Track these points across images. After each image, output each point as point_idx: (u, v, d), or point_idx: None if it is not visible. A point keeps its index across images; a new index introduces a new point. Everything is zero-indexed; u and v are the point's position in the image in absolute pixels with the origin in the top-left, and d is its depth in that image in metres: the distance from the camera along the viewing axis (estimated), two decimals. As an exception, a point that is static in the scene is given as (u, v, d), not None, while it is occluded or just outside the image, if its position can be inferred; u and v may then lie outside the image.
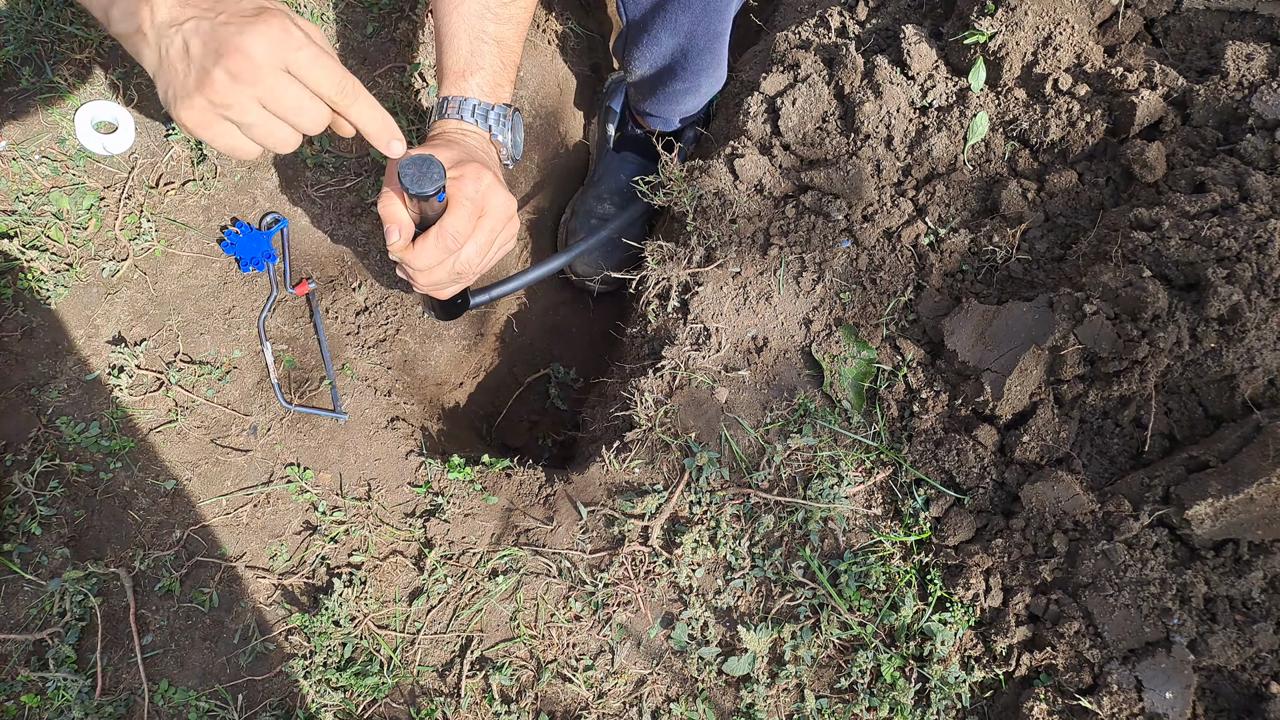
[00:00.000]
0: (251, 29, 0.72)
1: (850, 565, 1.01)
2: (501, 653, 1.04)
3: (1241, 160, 1.05)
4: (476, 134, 1.00)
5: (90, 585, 1.03)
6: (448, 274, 0.92)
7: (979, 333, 1.03)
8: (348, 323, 1.22)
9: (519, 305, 1.48)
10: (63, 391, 1.11)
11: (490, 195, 0.90)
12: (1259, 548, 0.93)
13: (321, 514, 1.09)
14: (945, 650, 0.97)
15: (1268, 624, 0.91)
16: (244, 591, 1.05)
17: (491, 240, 0.92)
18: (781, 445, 1.06)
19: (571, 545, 1.07)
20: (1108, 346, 0.96)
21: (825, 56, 1.21)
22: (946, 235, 1.13)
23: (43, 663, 1.00)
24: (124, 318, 1.15)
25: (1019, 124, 1.15)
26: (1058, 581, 0.97)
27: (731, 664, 1.00)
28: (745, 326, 1.13)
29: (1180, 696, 0.90)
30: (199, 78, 0.73)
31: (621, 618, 1.04)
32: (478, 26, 0.97)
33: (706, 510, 1.06)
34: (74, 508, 1.07)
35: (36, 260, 1.14)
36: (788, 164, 1.18)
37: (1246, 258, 0.96)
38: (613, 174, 1.48)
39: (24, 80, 1.20)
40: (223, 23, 0.73)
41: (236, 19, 0.73)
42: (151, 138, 1.22)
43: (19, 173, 1.17)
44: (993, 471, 1.01)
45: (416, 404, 1.23)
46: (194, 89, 0.73)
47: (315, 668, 1.02)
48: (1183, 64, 1.18)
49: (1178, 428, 1.01)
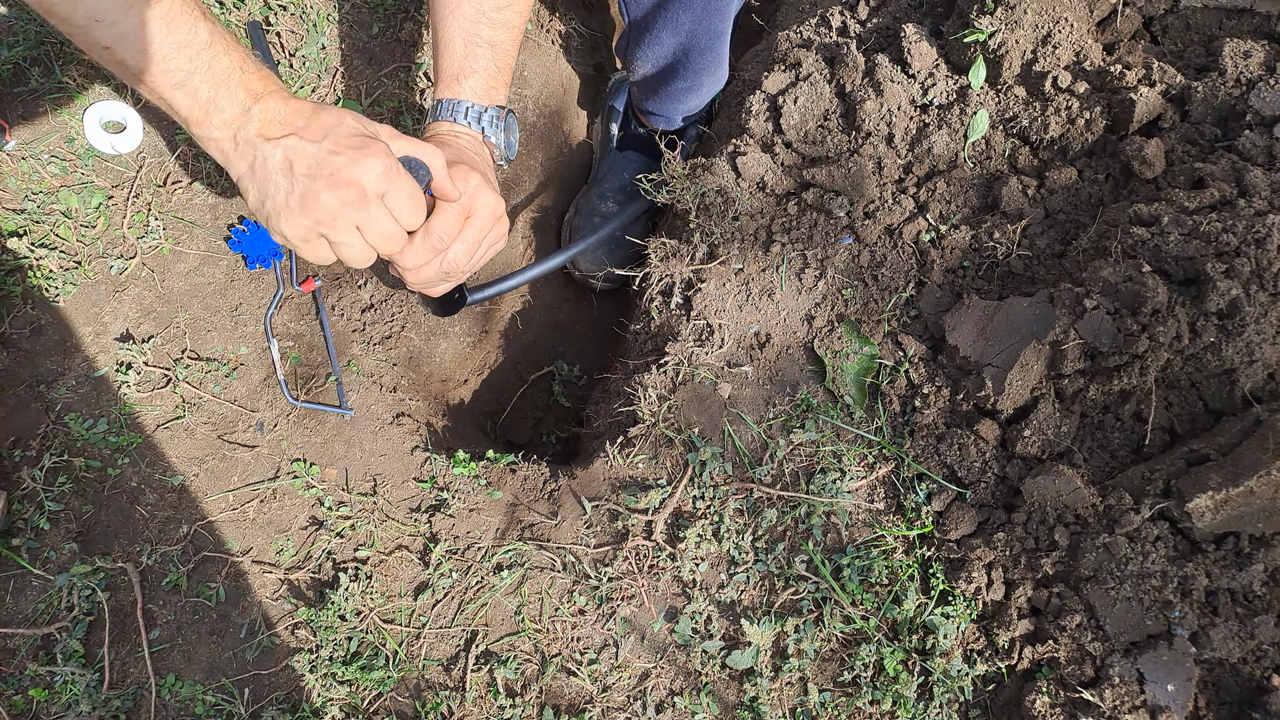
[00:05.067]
0: (361, 163, 0.78)
1: (853, 559, 1.02)
2: (506, 647, 1.04)
3: (1240, 156, 1.06)
4: (469, 136, 1.01)
5: (98, 580, 1.04)
6: (435, 273, 0.93)
7: (980, 328, 1.04)
8: (353, 320, 1.23)
9: (523, 302, 1.49)
10: (71, 388, 1.12)
11: (478, 196, 0.91)
12: (1259, 540, 0.93)
13: (327, 509, 1.10)
14: (948, 644, 0.98)
15: (1269, 616, 0.92)
16: (250, 586, 1.06)
17: (479, 240, 0.94)
18: (784, 440, 1.07)
19: (576, 540, 1.08)
20: (1108, 341, 0.97)
21: (827, 55, 1.22)
22: (947, 232, 1.13)
23: (50, 657, 1.01)
24: (132, 315, 1.16)
25: (1019, 121, 1.16)
26: (1059, 575, 0.97)
27: (735, 658, 1.01)
28: (748, 323, 1.14)
29: (1182, 689, 0.91)
30: (304, 198, 0.78)
31: (626, 612, 1.04)
32: (472, 30, 0.98)
33: (710, 505, 1.06)
34: (82, 503, 1.08)
35: (45, 258, 1.15)
36: (790, 161, 1.19)
37: (1245, 252, 0.96)
38: (616, 172, 1.49)
39: (33, 80, 1.21)
40: (330, 150, 0.77)
41: (346, 150, 0.78)
42: (159, 137, 1.23)
43: (28, 172, 1.18)
44: (994, 466, 1.02)
45: (421, 400, 1.24)
46: (298, 208, 0.79)
47: (321, 662, 1.02)
48: (1181, 61, 1.19)
49: (1178, 421, 1.02)
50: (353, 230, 0.80)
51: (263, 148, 0.78)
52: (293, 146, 0.78)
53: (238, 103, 0.78)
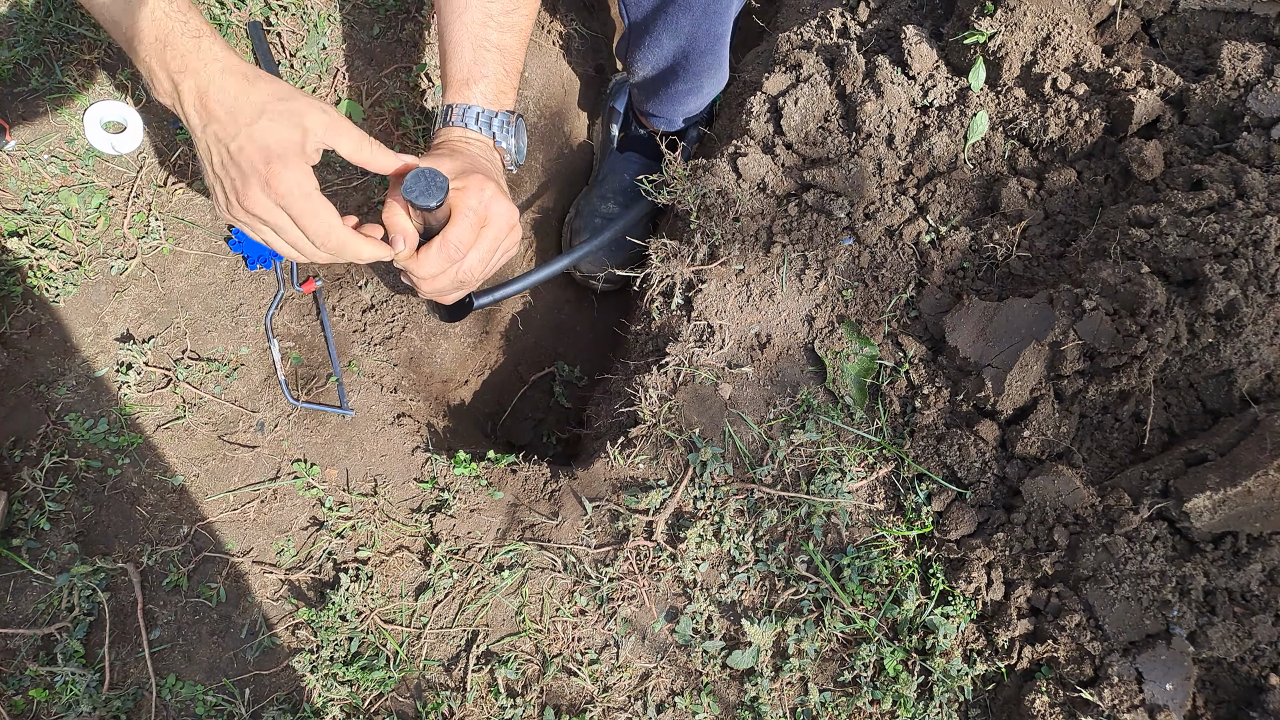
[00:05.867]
0: (248, 193, 0.83)
1: (853, 559, 1.02)
2: (507, 647, 1.04)
3: (1238, 158, 1.07)
4: (480, 141, 1.01)
5: (98, 580, 1.04)
6: (450, 282, 0.94)
7: (980, 329, 1.04)
8: (354, 320, 1.23)
9: (524, 304, 1.49)
10: (71, 388, 1.12)
11: (493, 205, 0.92)
12: (1257, 540, 0.93)
13: (328, 509, 1.10)
14: (947, 643, 0.98)
15: (1266, 616, 0.92)
16: (251, 586, 1.06)
17: (494, 249, 0.94)
18: (785, 441, 1.07)
19: (577, 540, 1.08)
20: (1107, 342, 0.98)
21: (827, 57, 1.23)
22: (947, 233, 1.14)
23: (51, 657, 1.01)
24: (132, 315, 1.16)
25: (1019, 123, 1.16)
26: (1059, 574, 0.98)
27: (735, 657, 1.01)
28: (748, 323, 1.14)
29: (1180, 688, 0.91)
30: (225, 194, 0.86)
31: (626, 612, 1.04)
32: (480, 35, 0.98)
33: (710, 505, 1.06)
34: (82, 503, 1.08)
35: (45, 258, 1.15)
36: (790, 163, 1.19)
37: (1243, 253, 0.97)
38: (617, 174, 1.49)
39: (33, 80, 1.21)
40: (235, 158, 0.83)
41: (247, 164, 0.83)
42: (159, 137, 1.23)
43: (28, 172, 1.18)
44: (994, 466, 1.02)
45: (422, 401, 1.24)
46: (223, 202, 0.86)
47: (322, 662, 1.02)
48: (1180, 63, 1.19)
49: (1176, 422, 1.02)
50: (269, 232, 0.86)
51: (194, 127, 0.85)
52: (213, 138, 0.83)
53: (165, 79, 0.84)
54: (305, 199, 0.83)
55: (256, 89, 0.83)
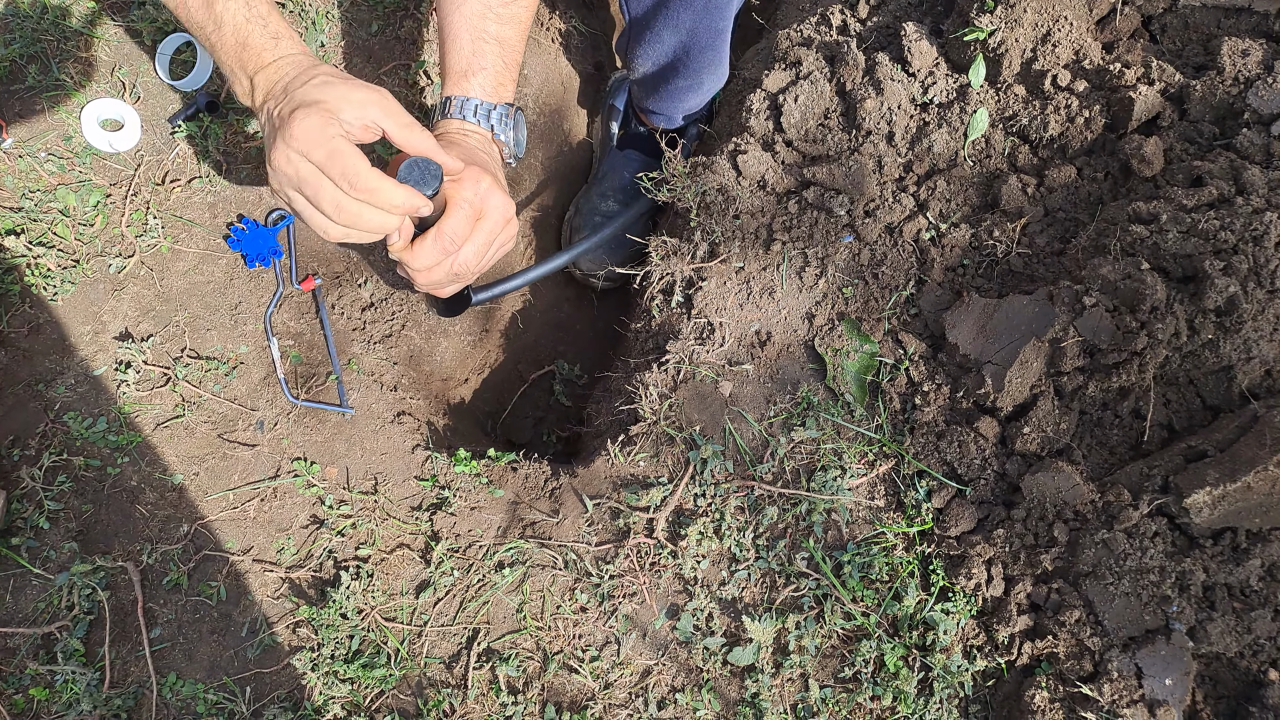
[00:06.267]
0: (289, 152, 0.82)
1: (853, 556, 1.02)
2: (508, 644, 1.04)
3: (1238, 154, 1.07)
4: (478, 134, 1.00)
5: (98, 579, 1.03)
6: (445, 274, 0.93)
7: (980, 326, 1.05)
8: (354, 318, 1.23)
9: (523, 302, 1.49)
10: (70, 387, 1.12)
11: (489, 198, 0.91)
12: (1257, 536, 0.94)
13: (328, 508, 1.10)
14: (948, 640, 0.98)
15: (1266, 611, 0.92)
16: (251, 585, 1.06)
17: (489, 242, 0.94)
18: (785, 438, 1.07)
19: (577, 538, 1.08)
20: (1107, 338, 0.98)
21: (827, 54, 1.22)
22: (947, 230, 1.14)
23: (51, 656, 1.01)
24: (131, 314, 1.16)
25: (1019, 120, 1.16)
26: (1058, 570, 0.98)
27: (736, 654, 1.01)
28: (749, 321, 1.14)
29: (1180, 683, 0.91)
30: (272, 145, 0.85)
31: (627, 609, 1.05)
32: (479, 26, 0.98)
33: (711, 503, 1.07)
34: (82, 502, 1.07)
35: (43, 257, 1.15)
36: (790, 160, 1.19)
37: (1243, 250, 0.97)
38: (616, 171, 1.49)
39: (30, 78, 1.21)
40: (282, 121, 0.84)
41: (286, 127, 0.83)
42: (157, 135, 1.23)
43: (25, 170, 1.17)
44: (994, 463, 1.02)
45: (422, 399, 1.24)
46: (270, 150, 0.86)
47: (323, 660, 1.02)
48: (1180, 60, 1.19)
49: (1176, 418, 1.02)
50: (301, 200, 0.84)
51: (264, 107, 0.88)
52: (265, 114, 0.87)
53: (244, 79, 0.89)
54: (329, 141, 0.80)
55: (319, 68, 0.85)
